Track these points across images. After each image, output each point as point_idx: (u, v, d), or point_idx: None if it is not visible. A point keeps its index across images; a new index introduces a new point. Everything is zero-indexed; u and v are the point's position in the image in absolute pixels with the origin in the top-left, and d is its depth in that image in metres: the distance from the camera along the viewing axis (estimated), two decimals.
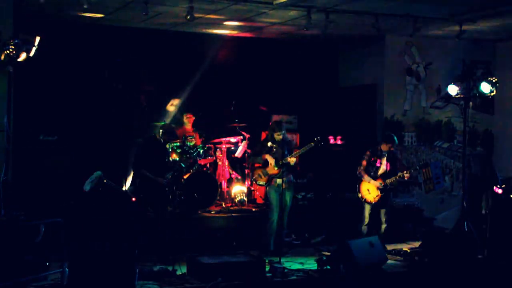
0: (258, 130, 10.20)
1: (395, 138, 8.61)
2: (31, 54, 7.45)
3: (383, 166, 8.58)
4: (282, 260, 7.78)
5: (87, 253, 6.87)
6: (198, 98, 10.68)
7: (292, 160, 8.10)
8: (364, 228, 8.58)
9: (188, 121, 10.07)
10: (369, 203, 8.56)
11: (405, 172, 8.47)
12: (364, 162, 8.62)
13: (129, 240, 7.52)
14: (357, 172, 8.65)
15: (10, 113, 7.83)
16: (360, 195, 8.64)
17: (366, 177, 8.56)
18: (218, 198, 9.40)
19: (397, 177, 8.44)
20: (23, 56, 7.44)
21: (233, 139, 10.16)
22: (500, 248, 8.32)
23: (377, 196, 8.49)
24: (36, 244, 6.56)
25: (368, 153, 8.66)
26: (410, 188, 11.04)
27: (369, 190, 8.57)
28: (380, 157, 8.59)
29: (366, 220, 8.60)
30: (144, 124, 9.79)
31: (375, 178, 8.55)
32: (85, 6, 7.87)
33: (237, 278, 6.72)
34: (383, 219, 8.59)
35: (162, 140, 7.85)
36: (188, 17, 8.24)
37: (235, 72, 11.10)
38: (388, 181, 8.45)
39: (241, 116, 10.24)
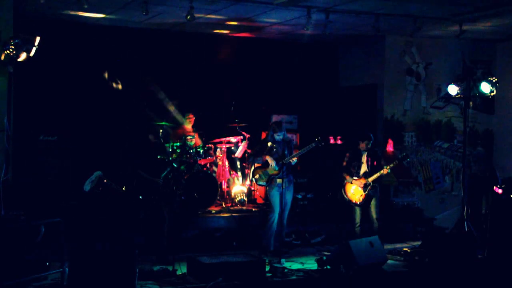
0: (258, 130, 10.20)
1: (371, 135, 8.60)
2: (31, 54, 7.44)
3: (363, 165, 8.55)
4: (282, 260, 7.77)
5: (87, 253, 6.88)
6: (198, 98, 10.68)
7: (293, 159, 8.09)
8: (358, 229, 8.55)
9: (189, 121, 10.07)
10: (355, 204, 8.51)
11: (385, 167, 8.42)
12: (344, 163, 8.62)
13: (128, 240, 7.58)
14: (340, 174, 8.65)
15: (10, 113, 7.82)
16: (346, 197, 8.57)
17: (347, 178, 8.53)
18: (218, 198, 9.40)
19: (379, 174, 8.39)
20: (23, 56, 7.42)
21: (233, 139, 10.16)
22: (500, 248, 8.32)
23: (361, 195, 8.44)
24: (36, 244, 6.55)
25: (347, 154, 8.65)
26: (410, 188, 11.05)
27: (354, 191, 8.52)
28: (360, 156, 8.57)
29: (358, 222, 8.57)
30: (144, 124, 9.79)
31: (358, 177, 8.52)
32: (85, 6, 7.87)
33: (237, 278, 6.72)
34: (374, 218, 8.52)
35: (161, 140, 7.80)
36: (188, 17, 8.25)
37: (235, 72, 11.09)
38: (370, 179, 8.42)
39: (241, 116, 10.23)
